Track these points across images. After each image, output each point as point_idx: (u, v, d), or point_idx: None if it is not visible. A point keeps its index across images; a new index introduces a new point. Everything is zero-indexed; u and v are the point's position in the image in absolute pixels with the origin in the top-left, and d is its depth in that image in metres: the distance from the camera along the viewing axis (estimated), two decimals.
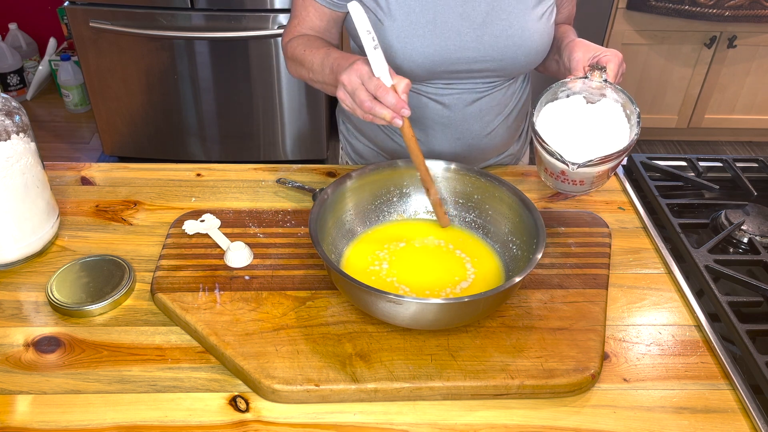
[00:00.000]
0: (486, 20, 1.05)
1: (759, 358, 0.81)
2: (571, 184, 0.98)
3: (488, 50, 1.07)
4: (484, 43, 1.06)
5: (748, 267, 1.00)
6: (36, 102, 3.18)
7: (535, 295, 0.92)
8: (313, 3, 1.09)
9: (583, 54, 1.01)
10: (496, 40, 1.06)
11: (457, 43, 1.06)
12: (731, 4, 2.52)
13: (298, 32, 1.12)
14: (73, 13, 2.37)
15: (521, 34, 1.06)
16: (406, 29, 1.04)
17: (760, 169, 1.24)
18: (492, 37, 1.06)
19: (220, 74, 2.51)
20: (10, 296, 0.92)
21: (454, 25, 1.05)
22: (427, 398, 0.79)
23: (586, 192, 1.02)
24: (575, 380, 0.79)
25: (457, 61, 1.07)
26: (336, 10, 1.10)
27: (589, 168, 0.93)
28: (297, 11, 1.12)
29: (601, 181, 0.99)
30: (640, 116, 0.94)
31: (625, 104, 0.96)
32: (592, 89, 0.98)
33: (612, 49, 1.00)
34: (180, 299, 0.88)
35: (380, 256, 0.95)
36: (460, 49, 1.06)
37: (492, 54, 1.07)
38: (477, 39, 1.06)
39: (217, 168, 1.20)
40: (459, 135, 1.16)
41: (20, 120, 0.92)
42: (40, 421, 0.75)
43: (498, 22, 1.05)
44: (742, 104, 2.91)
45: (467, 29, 1.05)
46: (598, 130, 0.97)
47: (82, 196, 1.12)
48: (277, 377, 0.78)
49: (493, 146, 1.21)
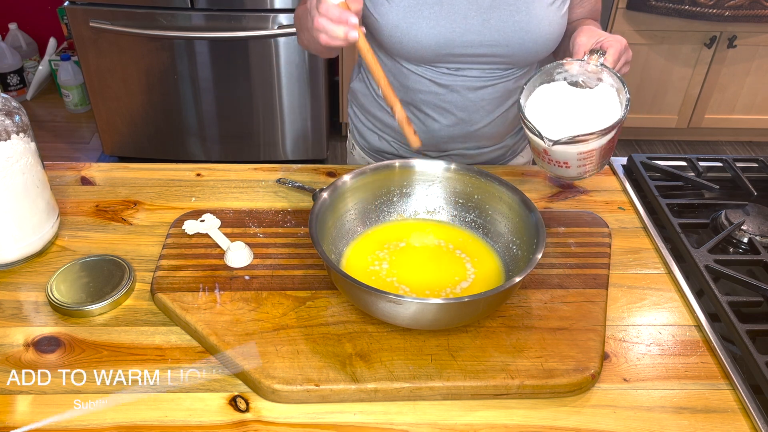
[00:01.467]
0: (493, 4, 1.06)
1: (759, 358, 0.81)
2: (557, 166, 0.96)
3: (494, 35, 1.07)
4: (490, 27, 1.06)
5: (748, 267, 1.00)
6: (36, 102, 3.18)
7: (535, 295, 0.92)
8: None
9: (587, 39, 0.99)
10: (502, 25, 1.06)
11: (463, 26, 1.06)
12: (731, 4, 2.52)
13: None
14: (73, 13, 2.37)
15: (528, 20, 1.06)
16: (412, 9, 1.05)
17: (760, 169, 1.24)
18: (498, 21, 1.06)
19: (220, 74, 2.51)
20: (10, 296, 0.92)
21: (461, 9, 1.05)
22: (427, 398, 0.79)
23: (578, 177, 0.99)
24: (575, 380, 0.79)
25: (462, 45, 1.08)
26: None
27: (570, 147, 0.91)
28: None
29: (590, 165, 0.96)
30: (629, 101, 0.92)
31: (619, 90, 0.95)
32: (588, 73, 0.96)
33: (617, 36, 0.98)
34: (180, 299, 0.88)
35: (380, 256, 0.95)
36: (466, 32, 1.07)
37: (498, 39, 1.07)
38: (483, 23, 1.06)
39: (217, 168, 1.20)
40: (458, 121, 1.16)
41: (20, 120, 0.92)
42: (40, 421, 0.75)
43: (505, 7, 1.06)
44: (742, 104, 2.91)
45: (473, 13, 1.06)
46: (585, 111, 0.95)
47: (82, 196, 1.12)
48: (277, 377, 0.78)
49: (490, 135, 1.21)
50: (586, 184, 1.19)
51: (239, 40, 2.41)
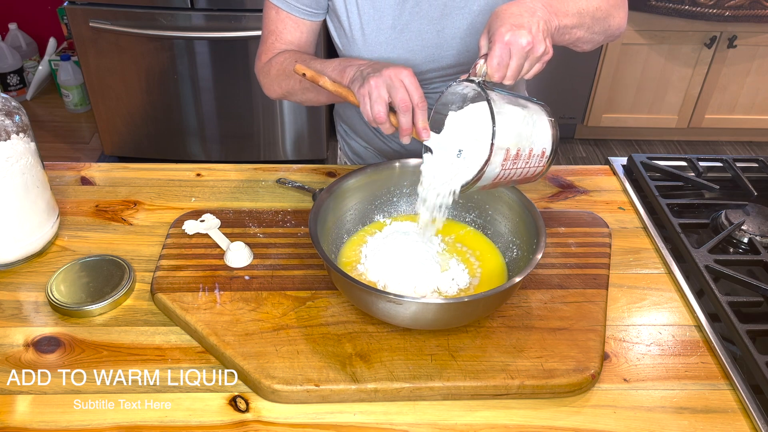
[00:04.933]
0: (444, 12, 1.00)
1: (759, 358, 0.81)
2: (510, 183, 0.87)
3: (451, 42, 1.02)
4: (445, 36, 1.02)
5: (748, 267, 1.00)
6: (36, 102, 3.18)
7: (535, 295, 0.91)
8: (290, 16, 1.04)
9: (484, 37, 0.82)
10: (456, 32, 1.01)
11: (420, 42, 1.02)
12: (731, 4, 2.52)
13: (278, 48, 1.07)
14: (73, 13, 2.37)
15: (483, 20, 1.00)
16: (372, 38, 1.02)
17: (760, 169, 1.24)
18: (453, 29, 1.01)
19: (220, 74, 2.51)
20: (10, 296, 0.92)
21: (414, 26, 1.01)
22: (427, 398, 0.79)
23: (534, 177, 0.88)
24: (575, 380, 0.79)
25: (425, 61, 1.04)
26: (314, 20, 1.06)
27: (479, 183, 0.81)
28: (272, 27, 1.07)
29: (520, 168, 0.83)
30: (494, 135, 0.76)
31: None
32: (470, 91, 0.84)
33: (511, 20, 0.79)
34: (180, 299, 0.88)
35: None
36: (424, 48, 1.02)
37: (456, 46, 1.02)
38: (437, 34, 1.01)
39: (217, 168, 1.20)
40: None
41: (20, 120, 0.92)
42: (40, 421, 0.75)
43: (456, 12, 1.00)
44: (742, 104, 2.91)
45: (426, 26, 1.01)
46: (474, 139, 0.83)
47: (82, 196, 1.12)
48: (277, 377, 0.78)
49: None
50: (586, 184, 1.19)
51: (239, 40, 2.41)
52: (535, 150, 0.83)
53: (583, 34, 0.95)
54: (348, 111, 1.26)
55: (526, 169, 0.84)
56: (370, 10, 1.01)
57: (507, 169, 0.81)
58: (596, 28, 0.97)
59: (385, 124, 0.84)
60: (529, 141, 0.82)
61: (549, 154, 0.86)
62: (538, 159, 0.84)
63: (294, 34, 1.07)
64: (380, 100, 0.83)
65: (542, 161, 0.85)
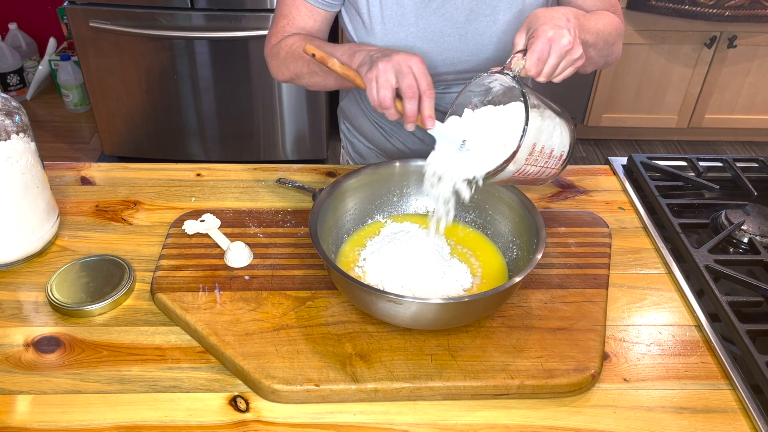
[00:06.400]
0: (469, 17, 1.01)
1: (759, 358, 0.81)
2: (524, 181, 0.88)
3: (472, 49, 1.02)
4: (467, 41, 1.02)
5: (748, 267, 1.00)
6: (36, 102, 3.18)
7: (535, 295, 0.91)
8: (305, 3, 1.05)
9: (520, 34, 0.84)
10: (479, 38, 1.02)
11: (441, 44, 1.02)
12: (731, 4, 2.52)
13: (288, 32, 1.07)
14: (73, 13, 2.37)
15: (506, 29, 1.01)
16: (391, 33, 1.02)
17: (760, 169, 1.24)
18: (476, 35, 1.02)
19: (220, 74, 2.51)
20: (10, 296, 0.92)
21: (437, 27, 1.01)
22: (427, 398, 0.79)
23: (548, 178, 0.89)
24: (575, 380, 0.79)
25: (443, 63, 1.04)
26: (330, 11, 1.06)
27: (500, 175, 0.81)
28: (285, 11, 1.07)
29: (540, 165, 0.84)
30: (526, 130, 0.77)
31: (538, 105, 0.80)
32: (502, 87, 0.84)
33: (552, 21, 0.81)
34: (180, 299, 0.88)
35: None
36: (445, 50, 1.03)
37: (477, 52, 1.03)
38: (460, 38, 1.02)
39: (217, 168, 1.20)
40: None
41: (20, 120, 0.92)
42: (40, 421, 0.75)
43: (482, 19, 1.01)
44: (742, 104, 2.91)
45: (450, 29, 1.01)
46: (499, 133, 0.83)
47: (82, 196, 1.12)
48: (277, 377, 0.78)
49: None
50: (586, 184, 1.19)
51: (239, 40, 2.41)
52: (555, 151, 0.84)
53: (594, 54, 0.97)
54: (352, 109, 1.26)
55: (544, 169, 0.85)
56: (393, 5, 1.01)
57: (529, 165, 0.82)
58: (604, 51, 0.99)
59: (390, 109, 0.84)
60: (551, 141, 0.83)
61: (565, 158, 0.87)
62: (555, 161, 0.86)
63: (307, 22, 1.07)
64: (387, 84, 0.82)
65: (558, 164, 0.87)
